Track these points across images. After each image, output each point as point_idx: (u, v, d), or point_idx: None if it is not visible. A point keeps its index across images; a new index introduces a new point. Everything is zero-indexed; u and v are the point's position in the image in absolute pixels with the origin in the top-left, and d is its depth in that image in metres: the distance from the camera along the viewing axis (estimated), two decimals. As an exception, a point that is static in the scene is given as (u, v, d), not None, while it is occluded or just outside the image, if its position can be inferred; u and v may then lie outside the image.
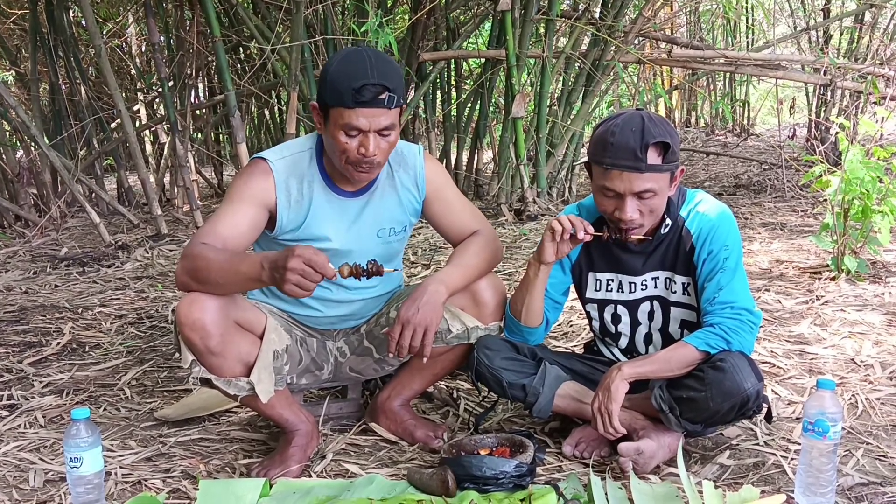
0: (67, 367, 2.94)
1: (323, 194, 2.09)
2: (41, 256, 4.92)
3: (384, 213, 2.16)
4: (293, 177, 2.06)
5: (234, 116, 4.99)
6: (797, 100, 8.63)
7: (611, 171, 1.93)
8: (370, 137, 1.93)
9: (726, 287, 1.96)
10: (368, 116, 1.90)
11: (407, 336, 2.02)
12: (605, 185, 1.95)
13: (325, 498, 1.91)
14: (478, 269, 2.16)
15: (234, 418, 2.46)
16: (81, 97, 6.31)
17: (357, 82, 1.87)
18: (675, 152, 1.94)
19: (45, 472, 2.11)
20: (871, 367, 2.60)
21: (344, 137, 1.93)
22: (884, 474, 1.94)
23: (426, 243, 4.77)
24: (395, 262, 2.27)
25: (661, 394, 1.98)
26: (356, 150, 1.94)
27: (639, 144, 1.89)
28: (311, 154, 2.09)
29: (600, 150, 1.95)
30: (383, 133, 1.95)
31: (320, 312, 2.23)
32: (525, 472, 1.93)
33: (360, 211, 2.13)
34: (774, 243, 4.36)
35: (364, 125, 1.91)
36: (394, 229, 2.18)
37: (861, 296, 3.34)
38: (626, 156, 1.90)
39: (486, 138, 6.54)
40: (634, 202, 1.94)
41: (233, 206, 2.01)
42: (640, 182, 1.91)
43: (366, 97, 1.88)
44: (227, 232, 1.97)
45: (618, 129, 1.92)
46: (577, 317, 3.26)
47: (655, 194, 1.94)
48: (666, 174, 1.94)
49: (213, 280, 1.88)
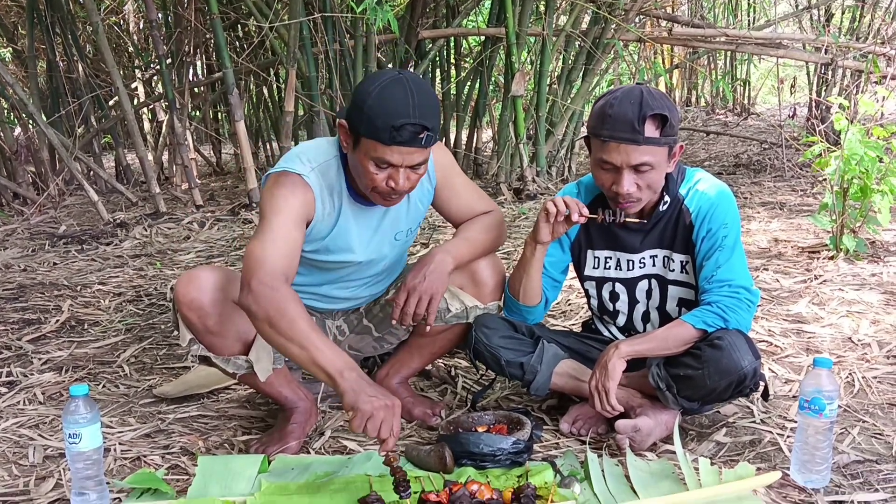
0: (66, 344, 2.94)
1: (349, 205, 2.03)
2: (39, 234, 4.91)
3: (401, 217, 2.12)
4: (325, 188, 1.98)
5: (233, 94, 4.96)
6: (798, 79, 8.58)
7: (608, 144, 1.92)
8: (401, 172, 1.86)
9: (724, 265, 1.96)
10: (403, 154, 1.83)
11: (412, 303, 1.99)
12: (603, 157, 1.95)
13: (323, 474, 1.92)
14: (484, 245, 2.15)
15: (232, 395, 2.47)
16: (79, 75, 6.28)
17: (397, 120, 1.77)
18: (674, 126, 1.94)
19: (45, 448, 2.12)
20: (868, 345, 2.61)
21: (374, 168, 1.86)
22: (879, 452, 1.95)
23: (425, 222, 4.76)
24: (403, 256, 2.26)
25: (658, 372, 1.98)
26: (384, 182, 1.87)
27: (636, 116, 1.88)
28: (337, 163, 2.00)
29: (598, 123, 1.94)
30: (415, 168, 1.88)
31: (324, 306, 2.24)
32: (522, 448, 1.94)
33: (381, 219, 2.09)
34: (773, 223, 4.36)
35: (397, 161, 1.83)
36: (410, 229, 2.17)
37: (859, 275, 3.34)
38: (623, 128, 1.89)
39: (486, 117, 6.51)
40: (632, 176, 1.94)
41: (286, 221, 1.88)
42: (637, 155, 1.91)
43: (404, 137, 1.79)
44: (288, 255, 1.86)
45: (616, 102, 1.91)
46: (576, 296, 3.26)
47: (653, 168, 1.93)
48: (664, 148, 1.93)
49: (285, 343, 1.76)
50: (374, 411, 1.65)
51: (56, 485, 1.93)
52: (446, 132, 6.36)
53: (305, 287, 2.17)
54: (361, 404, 1.65)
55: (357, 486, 1.83)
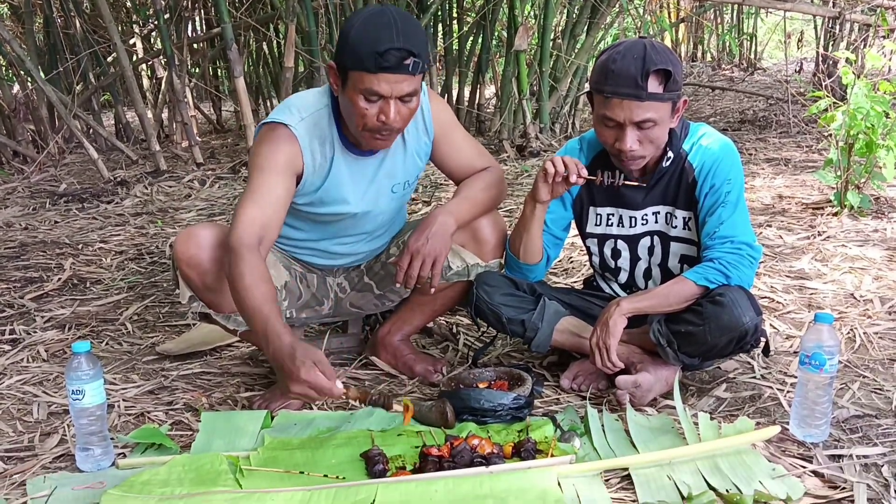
0: (69, 302, 2.95)
1: (342, 156, 2.01)
2: (40, 192, 4.90)
3: (398, 168, 2.10)
4: (315, 139, 1.96)
5: (232, 50, 4.90)
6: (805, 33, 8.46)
7: (611, 100, 1.89)
8: (391, 104, 1.83)
9: (727, 221, 1.95)
10: (391, 82, 1.80)
11: (415, 266, 1.98)
12: (606, 114, 1.92)
13: (325, 429, 1.94)
14: (484, 204, 2.14)
15: (235, 353, 2.48)
16: (76, 30, 6.19)
17: (381, 46, 1.76)
18: (677, 81, 1.91)
19: (49, 405, 2.14)
20: (870, 301, 2.60)
21: (363, 103, 1.84)
22: (879, 407, 1.96)
23: (426, 179, 4.74)
24: (402, 210, 2.25)
25: (659, 328, 1.98)
26: (375, 117, 1.85)
27: (640, 72, 1.85)
28: (328, 112, 1.98)
29: (601, 78, 1.91)
30: (404, 99, 1.85)
31: (324, 262, 2.23)
32: (523, 404, 1.95)
33: (377, 169, 2.07)
34: (778, 179, 4.33)
35: (386, 91, 1.81)
36: (407, 182, 2.14)
37: (863, 231, 3.33)
38: (626, 83, 1.86)
39: (489, 72, 6.44)
40: (634, 132, 1.91)
41: (268, 178, 1.89)
42: (640, 111, 1.88)
43: (390, 62, 1.77)
44: (267, 213, 1.87)
45: (619, 57, 1.88)
46: (578, 253, 3.25)
47: (656, 124, 1.91)
48: (667, 104, 1.91)
49: (240, 312, 1.82)
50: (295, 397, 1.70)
51: (61, 440, 1.95)
52: (448, 88, 6.30)
53: (304, 243, 2.17)
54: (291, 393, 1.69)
55: (359, 441, 1.85)
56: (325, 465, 1.76)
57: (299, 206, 2.03)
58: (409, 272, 1.98)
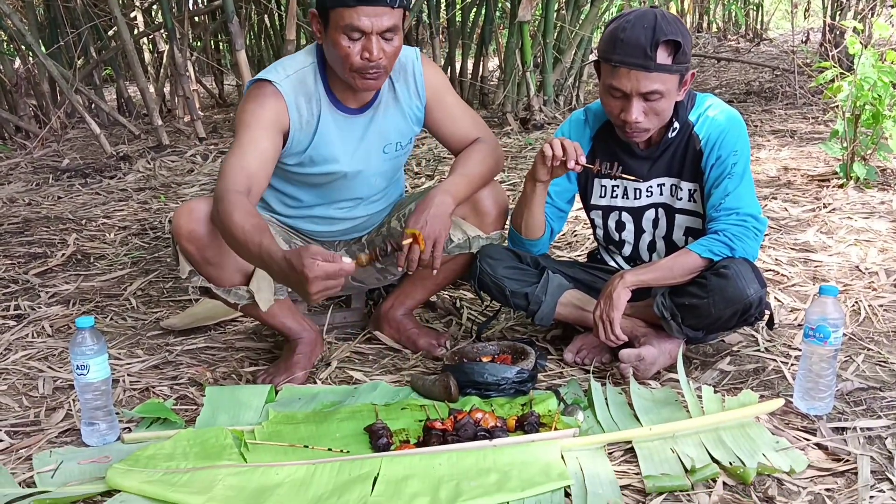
0: (73, 277, 2.95)
1: (329, 113, 2.02)
2: (43, 168, 4.89)
3: (389, 128, 2.10)
4: (301, 95, 1.98)
5: (233, 23, 4.85)
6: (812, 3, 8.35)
7: (618, 69, 1.87)
8: (373, 40, 1.85)
9: (733, 193, 1.93)
10: (370, 16, 1.82)
11: (416, 250, 1.96)
12: (613, 83, 1.90)
13: (329, 403, 1.94)
14: (482, 178, 2.12)
15: (239, 328, 2.48)
16: (77, 4, 6.14)
17: None
18: (686, 54, 1.88)
19: (54, 380, 2.15)
20: (875, 274, 2.59)
21: (346, 41, 1.85)
22: (883, 379, 1.95)
23: (430, 153, 4.72)
24: (398, 172, 2.24)
25: (663, 301, 1.98)
26: (359, 55, 1.86)
27: (649, 42, 1.83)
28: (314, 69, 2.00)
29: (609, 47, 1.89)
30: (386, 36, 1.87)
31: (322, 227, 2.21)
32: (526, 378, 1.95)
33: (366, 128, 2.07)
34: (783, 151, 4.30)
35: (366, 26, 1.83)
36: (400, 143, 2.14)
37: (869, 203, 3.31)
38: (635, 53, 1.84)
39: (492, 44, 6.37)
40: (641, 104, 1.89)
41: (253, 133, 1.90)
42: (647, 82, 1.86)
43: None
44: (254, 165, 1.87)
45: (629, 26, 1.86)
46: (582, 226, 3.24)
47: (663, 96, 1.89)
48: (675, 76, 1.88)
49: (237, 251, 1.79)
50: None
51: (66, 415, 1.96)
52: (451, 60, 6.24)
53: (300, 210, 2.16)
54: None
55: (363, 415, 1.86)
56: (329, 439, 1.76)
57: (291, 168, 2.04)
58: (410, 256, 1.96)
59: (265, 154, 1.91)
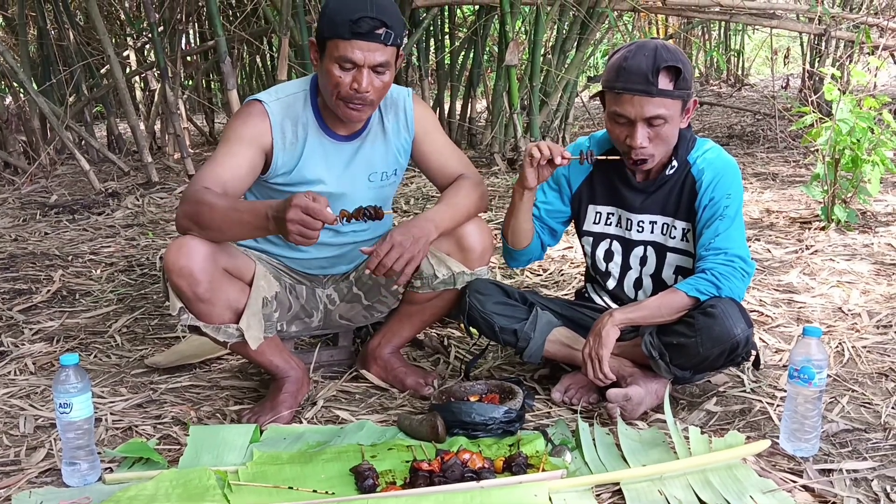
0: (58, 314, 2.93)
1: (316, 137, 2.08)
2: (31, 204, 4.88)
3: (376, 158, 2.15)
4: (288, 118, 2.05)
5: (225, 63, 4.90)
6: (791, 50, 8.52)
7: (622, 96, 1.94)
8: (364, 73, 1.92)
9: (723, 234, 1.97)
10: (364, 50, 1.90)
11: (392, 256, 1.93)
12: (617, 110, 1.96)
13: (315, 444, 1.93)
14: (467, 211, 2.14)
15: (224, 366, 2.47)
16: (70, 42, 6.18)
17: (355, 14, 1.87)
18: (687, 80, 1.95)
19: (36, 419, 2.12)
20: (858, 315, 2.62)
21: (338, 71, 1.92)
22: (868, 421, 1.96)
23: (418, 192, 4.75)
24: (385, 207, 2.26)
25: (651, 340, 1.99)
26: (349, 85, 1.93)
27: (650, 68, 1.89)
28: (305, 96, 2.08)
29: (613, 76, 1.96)
30: (377, 70, 1.93)
31: (310, 255, 2.21)
32: (514, 418, 1.95)
33: (353, 155, 2.12)
34: (766, 193, 4.36)
35: (359, 58, 1.90)
36: (385, 173, 2.17)
37: (850, 245, 3.35)
38: (637, 80, 1.91)
39: (480, 87, 6.46)
40: (645, 129, 1.95)
41: (231, 148, 1.99)
42: (651, 107, 1.91)
43: (363, 29, 1.88)
44: (227, 175, 1.95)
45: (631, 55, 1.93)
46: (569, 265, 3.26)
47: (666, 122, 1.94)
48: (677, 102, 1.94)
49: (217, 226, 1.87)
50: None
51: (47, 455, 1.93)
52: (440, 102, 6.32)
53: None
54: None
55: (349, 456, 1.84)
56: (315, 480, 1.75)
57: (280, 187, 2.09)
58: (383, 261, 1.94)
59: (240, 167, 1.98)
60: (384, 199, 2.23)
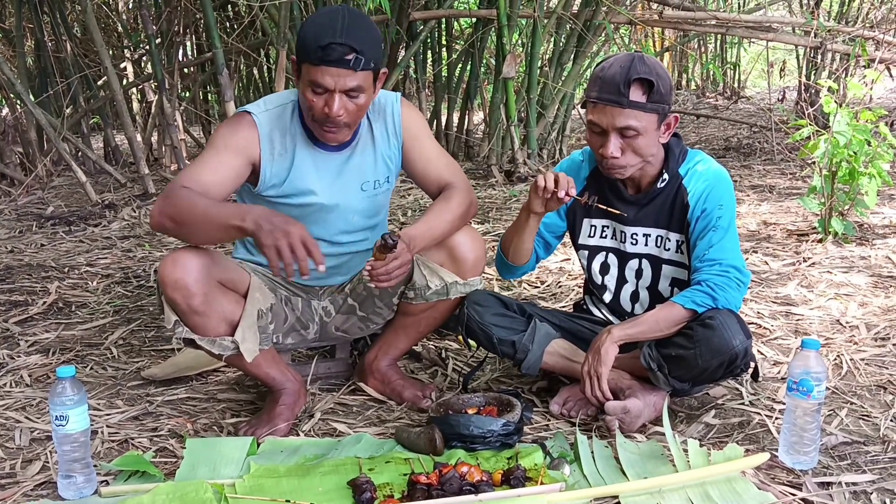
0: (54, 326, 2.92)
1: (306, 148, 2.08)
2: (27, 215, 4.87)
3: (367, 167, 2.14)
4: (276, 130, 2.05)
5: (223, 75, 4.91)
6: (787, 62, 8.56)
7: (596, 105, 1.96)
8: (336, 97, 1.91)
9: (717, 245, 1.97)
10: (333, 76, 1.89)
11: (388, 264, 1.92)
12: (591, 119, 1.98)
13: (312, 456, 1.92)
14: (454, 222, 2.12)
15: (221, 378, 2.46)
16: (67, 54, 6.19)
17: (323, 40, 1.85)
18: (662, 94, 1.94)
19: (31, 431, 2.11)
20: (856, 328, 2.62)
21: (311, 94, 1.93)
22: (867, 433, 1.96)
23: (415, 204, 4.74)
24: (380, 215, 2.25)
25: (650, 352, 1.99)
26: (321, 109, 1.93)
27: (623, 80, 1.91)
28: (293, 107, 2.08)
29: (591, 85, 1.99)
30: (350, 94, 1.93)
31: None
32: (512, 430, 1.94)
33: (343, 165, 2.12)
34: (763, 206, 4.36)
35: (329, 84, 1.90)
36: (378, 181, 2.17)
37: (847, 258, 3.36)
38: (609, 90, 1.93)
39: (477, 99, 6.48)
40: (617, 140, 1.96)
41: (216, 153, 2.00)
42: (622, 118, 1.92)
43: (331, 56, 1.86)
44: (208, 178, 1.95)
45: (608, 66, 1.96)
46: (566, 277, 3.26)
47: (639, 133, 1.95)
48: (651, 115, 1.94)
49: (192, 222, 1.87)
50: (275, 242, 1.74)
51: (43, 467, 1.92)
52: (437, 114, 6.33)
53: None
54: (263, 239, 1.75)
55: (347, 469, 1.83)
56: (312, 494, 1.74)
57: (272, 199, 2.09)
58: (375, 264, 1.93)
59: (223, 173, 1.99)
60: (378, 208, 2.23)
